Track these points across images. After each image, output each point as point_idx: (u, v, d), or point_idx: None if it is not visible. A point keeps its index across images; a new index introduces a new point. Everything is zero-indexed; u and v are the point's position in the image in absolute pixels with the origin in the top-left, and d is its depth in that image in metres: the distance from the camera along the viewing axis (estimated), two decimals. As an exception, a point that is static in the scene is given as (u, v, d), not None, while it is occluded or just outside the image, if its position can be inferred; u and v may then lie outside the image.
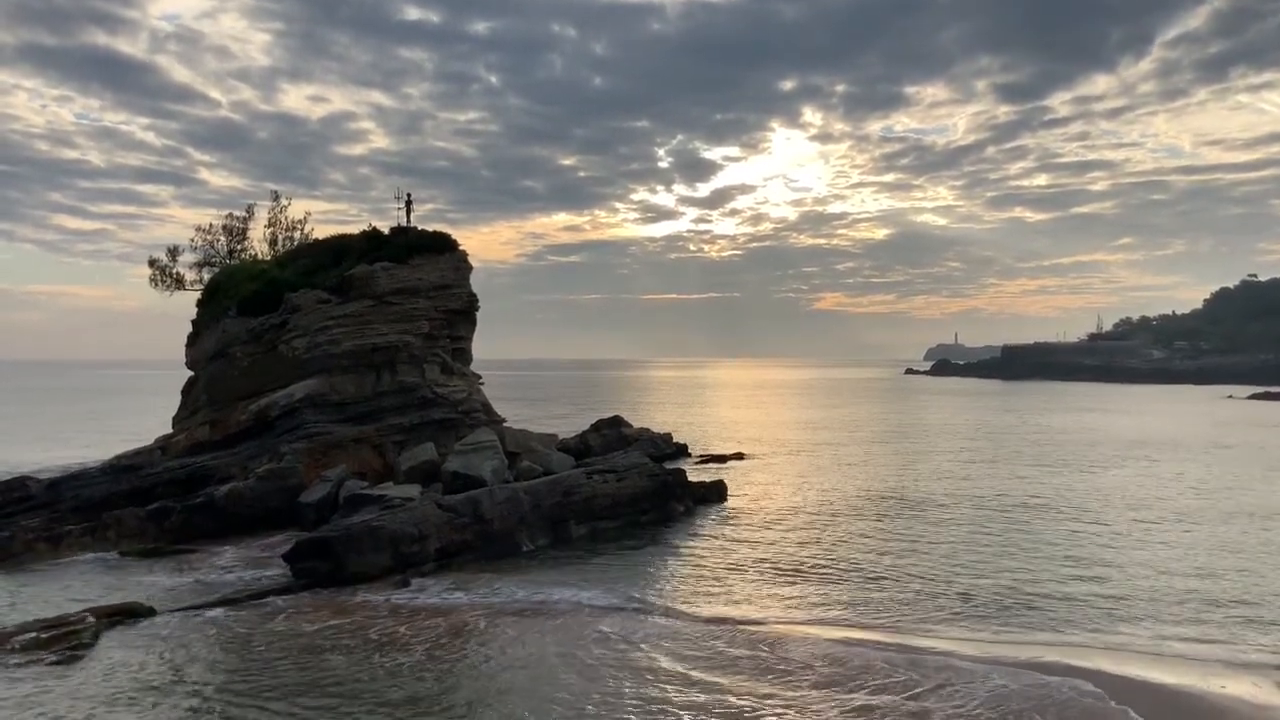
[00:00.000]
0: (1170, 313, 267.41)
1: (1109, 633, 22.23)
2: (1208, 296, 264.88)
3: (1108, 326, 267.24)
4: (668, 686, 18.74)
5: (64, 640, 21.68)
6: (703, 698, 18.10)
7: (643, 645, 21.33)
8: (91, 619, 23.06)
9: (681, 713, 17.37)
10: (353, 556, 27.42)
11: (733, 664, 20.05)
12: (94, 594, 26.24)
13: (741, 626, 22.88)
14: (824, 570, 28.80)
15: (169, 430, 44.53)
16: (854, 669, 19.47)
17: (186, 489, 36.52)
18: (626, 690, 18.52)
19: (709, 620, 23.47)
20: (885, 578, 27.75)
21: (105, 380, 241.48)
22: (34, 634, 22.01)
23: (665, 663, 20.14)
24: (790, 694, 18.22)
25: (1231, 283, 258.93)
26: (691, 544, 33.15)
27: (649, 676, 19.33)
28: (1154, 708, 17.19)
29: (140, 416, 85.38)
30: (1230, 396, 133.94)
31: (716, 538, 34.03)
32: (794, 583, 27.37)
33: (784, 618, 23.75)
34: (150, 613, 24.20)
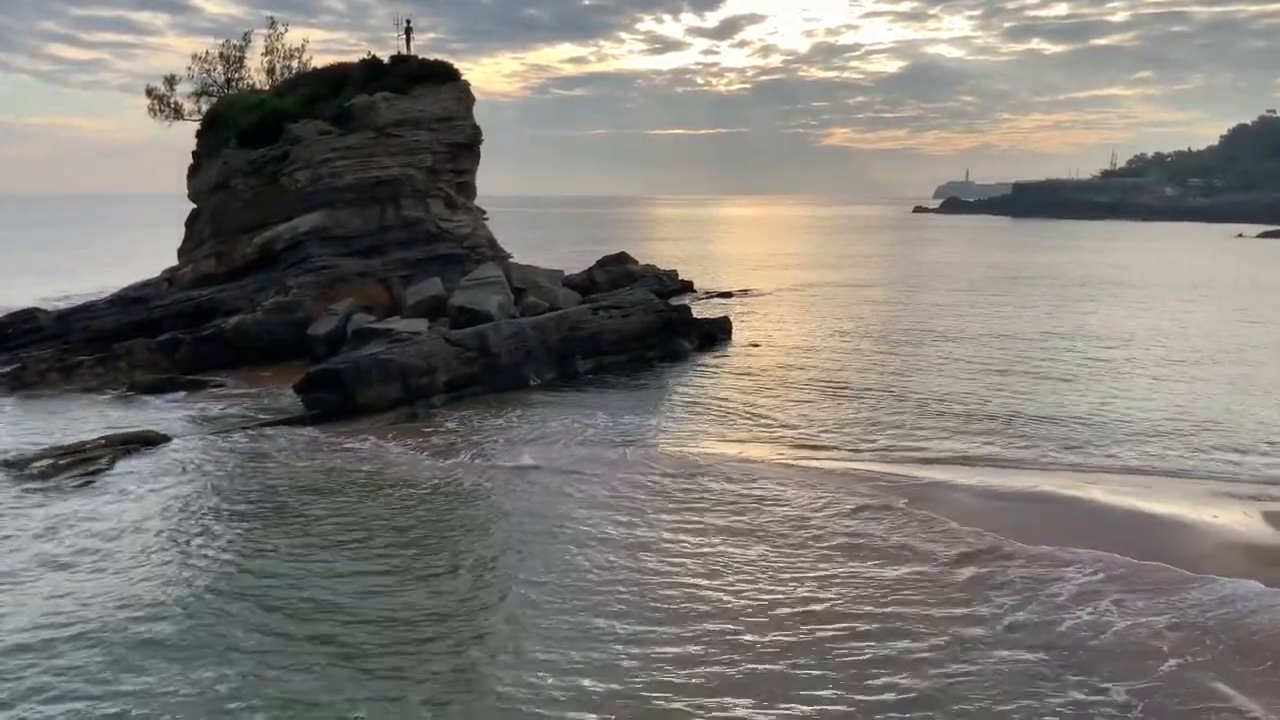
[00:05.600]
0: (1186, 149, 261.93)
1: (1102, 461, 22.69)
2: (1225, 133, 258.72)
3: (1121, 163, 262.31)
4: (665, 516, 19.29)
5: (81, 466, 22.25)
6: (700, 534, 18.66)
7: (641, 475, 21.83)
8: (107, 446, 23.60)
9: (682, 537, 17.93)
10: (362, 388, 27.78)
11: (729, 493, 20.57)
12: (108, 423, 26.75)
13: (742, 458, 23.39)
14: (826, 402, 29.24)
15: (175, 263, 44.48)
16: (848, 494, 19.98)
17: (194, 321, 36.73)
18: (623, 522, 19.05)
19: (708, 452, 23.96)
20: (885, 408, 28.24)
21: (108, 212, 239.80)
22: (52, 460, 22.57)
23: (672, 490, 20.67)
24: (787, 520, 18.77)
25: (1249, 119, 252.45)
26: (695, 378, 33.54)
27: (650, 507, 19.87)
28: (1139, 534, 17.68)
29: (145, 249, 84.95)
30: (1240, 235, 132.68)
31: (720, 372, 34.42)
32: (797, 414, 27.78)
33: (784, 448, 24.23)
34: (164, 440, 24.72)
